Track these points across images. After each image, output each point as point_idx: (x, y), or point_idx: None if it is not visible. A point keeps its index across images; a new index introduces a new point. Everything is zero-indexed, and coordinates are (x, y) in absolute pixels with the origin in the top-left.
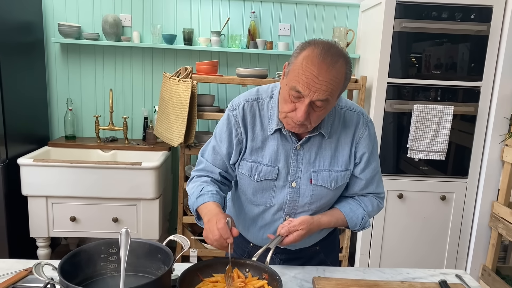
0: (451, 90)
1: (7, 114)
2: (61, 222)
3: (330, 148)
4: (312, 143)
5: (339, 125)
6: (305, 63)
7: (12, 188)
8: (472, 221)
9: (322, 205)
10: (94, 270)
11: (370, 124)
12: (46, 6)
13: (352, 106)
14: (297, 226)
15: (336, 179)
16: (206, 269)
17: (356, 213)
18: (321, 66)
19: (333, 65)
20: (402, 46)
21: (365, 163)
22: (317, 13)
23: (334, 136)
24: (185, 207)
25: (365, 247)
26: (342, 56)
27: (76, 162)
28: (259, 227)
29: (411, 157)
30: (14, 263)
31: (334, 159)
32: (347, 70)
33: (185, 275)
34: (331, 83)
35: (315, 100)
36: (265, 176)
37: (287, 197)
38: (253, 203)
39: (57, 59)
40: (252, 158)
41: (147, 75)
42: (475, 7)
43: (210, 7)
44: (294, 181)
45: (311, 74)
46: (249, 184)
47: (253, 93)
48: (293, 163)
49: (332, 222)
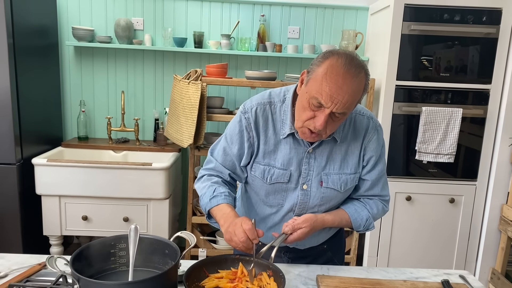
0: (460, 92)
1: (23, 115)
2: (73, 221)
3: (340, 151)
4: (324, 147)
5: (350, 129)
6: (329, 73)
7: (26, 187)
8: (481, 224)
9: (331, 207)
10: (104, 264)
11: (379, 129)
12: (61, 10)
13: (362, 110)
14: (301, 224)
15: (346, 182)
16: (212, 266)
17: (361, 214)
18: (345, 77)
19: (357, 76)
20: (410, 48)
21: (372, 166)
22: (326, 16)
23: (344, 140)
24: (195, 207)
25: (373, 249)
26: (363, 68)
27: (88, 163)
28: (268, 227)
29: (419, 160)
30: (28, 258)
31: (344, 162)
32: (366, 81)
33: (191, 270)
34: (352, 95)
35: (336, 111)
36: (278, 179)
37: (298, 199)
38: (265, 204)
39: (71, 62)
40: (264, 161)
41: (158, 77)
42: (485, 9)
43: (220, 10)
44: (305, 184)
45: (335, 85)
46: (262, 186)
47: (266, 97)
48: (305, 166)
49: (336, 221)
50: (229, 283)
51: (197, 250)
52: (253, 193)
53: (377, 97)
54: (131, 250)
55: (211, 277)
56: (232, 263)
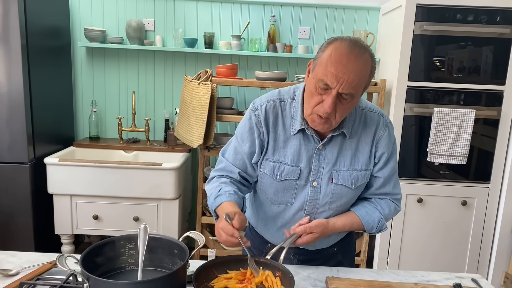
0: (473, 93)
1: (35, 115)
2: (85, 220)
3: (351, 148)
4: (334, 143)
5: (360, 125)
6: (334, 54)
7: (39, 187)
8: (494, 227)
9: (342, 205)
10: (114, 263)
11: (390, 125)
12: (73, 11)
13: (372, 107)
14: (313, 228)
15: (356, 179)
16: (221, 266)
17: (373, 216)
18: (349, 56)
19: (361, 55)
20: (422, 49)
21: (384, 163)
22: (337, 17)
23: (354, 136)
24: (204, 208)
25: (383, 252)
26: (368, 50)
27: (99, 162)
28: (278, 226)
29: (431, 161)
30: (39, 256)
31: (355, 158)
32: (373, 64)
33: (200, 270)
34: (357, 74)
35: (342, 92)
36: (287, 175)
37: (308, 196)
38: (273, 203)
39: (83, 63)
40: (274, 158)
41: (168, 78)
42: (499, 9)
43: (230, 11)
44: (315, 181)
45: (340, 64)
46: (271, 183)
47: (275, 94)
48: (315, 162)
49: (347, 225)
50: (238, 284)
51: (206, 250)
52: (261, 192)
53: (388, 98)
54: (140, 250)
55: (220, 277)
56: (242, 264)
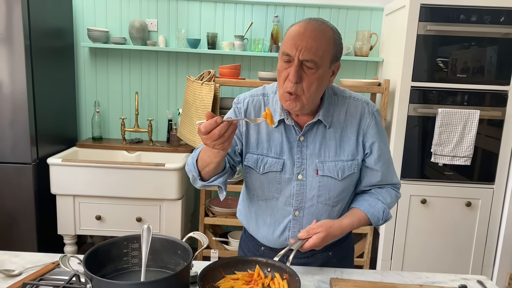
0: (477, 94)
1: (38, 115)
2: (87, 220)
3: (334, 138)
4: (316, 134)
5: (343, 115)
6: (292, 29)
7: (42, 187)
8: (499, 228)
9: (331, 198)
10: (117, 264)
11: (376, 114)
12: (77, 12)
13: (356, 96)
14: (316, 228)
15: (343, 169)
16: (228, 267)
17: (376, 207)
18: (306, 27)
19: (318, 27)
20: (426, 49)
21: (378, 154)
22: (340, 17)
23: (338, 126)
24: (207, 208)
25: (387, 253)
26: (328, 24)
27: (102, 163)
28: (268, 224)
29: (435, 162)
30: (42, 256)
31: (340, 148)
32: (336, 36)
33: (207, 270)
34: (317, 41)
35: (303, 59)
36: (270, 167)
37: (294, 190)
38: (260, 199)
39: (86, 63)
40: (258, 150)
41: (171, 78)
42: (503, 9)
43: (233, 11)
44: (300, 174)
45: (297, 34)
46: (256, 177)
47: (260, 90)
48: (298, 154)
49: (354, 223)
50: (244, 285)
51: (209, 251)
52: (248, 188)
53: (392, 98)
54: (144, 250)
55: (227, 278)
56: (249, 265)
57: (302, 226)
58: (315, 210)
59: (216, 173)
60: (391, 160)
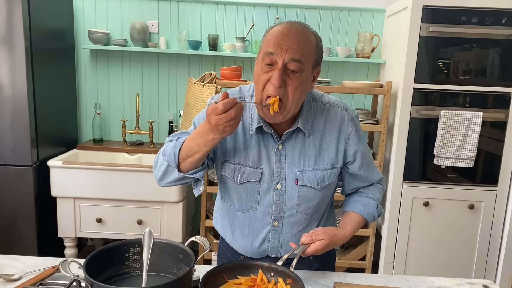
0: (480, 96)
1: (39, 117)
2: (88, 223)
3: (314, 146)
4: (295, 142)
5: (322, 122)
6: (275, 29)
7: (42, 189)
8: (502, 231)
9: (310, 207)
10: (118, 268)
11: (356, 119)
12: (77, 13)
13: (335, 102)
14: (320, 235)
15: (322, 178)
16: (231, 271)
17: (370, 205)
18: (290, 28)
19: (301, 30)
20: (429, 51)
21: (361, 161)
22: (341, 18)
23: (317, 134)
24: (208, 211)
25: (389, 255)
26: (310, 28)
27: (103, 165)
28: (246, 235)
29: (437, 164)
30: (42, 260)
31: (319, 157)
32: (318, 40)
33: (209, 275)
34: (301, 43)
35: (287, 60)
36: (248, 177)
37: (273, 200)
38: (237, 210)
39: (87, 65)
40: (235, 160)
41: (172, 80)
42: (506, 11)
43: (235, 13)
44: (279, 183)
45: (281, 35)
46: (233, 187)
47: (236, 92)
48: (276, 164)
49: (355, 228)
50: None
51: (210, 254)
52: (225, 199)
53: (394, 100)
54: (145, 255)
55: (230, 282)
56: (252, 270)
57: (282, 236)
58: (294, 220)
59: (197, 166)
60: (371, 158)
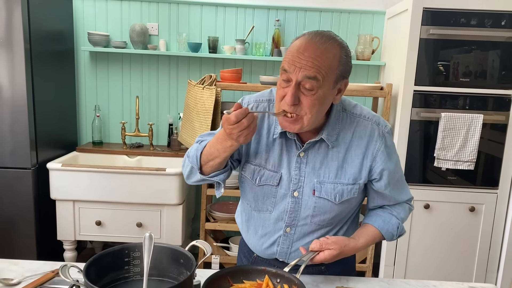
0: (480, 98)
1: (38, 120)
2: (87, 226)
3: (337, 158)
4: (317, 152)
5: (350, 135)
6: (294, 44)
7: (41, 192)
8: (503, 233)
9: (325, 219)
10: (118, 273)
11: (387, 136)
12: (77, 16)
13: (367, 115)
14: (330, 244)
15: (341, 193)
16: (237, 275)
17: (391, 223)
18: (307, 44)
19: (322, 44)
20: (429, 53)
21: (388, 179)
22: (342, 21)
23: (342, 146)
24: (208, 214)
25: (389, 258)
26: (334, 40)
27: (102, 168)
28: (259, 235)
29: (438, 167)
30: (41, 264)
31: (341, 170)
32: (342, 53)
33: (214, 278)
34: (317, 60)
35: (301, 79)
36: (267, 181)
37: (288, 206)
38: (253, 209)
39: (86, 67)
40: (256, 161)
41: (172, 82)
42: (505, 13)
43: (235, 15)
44: (296, 191)
45: (296, 52)
46: (251, 188)
47: (266, 95)
48: (296, 171)
49: (369, 242)
50: None
51: (210, 256)
52: (243, 198)
53: (394, 103)
54: (145, 259)
55: (235, 286)
56: (259, 275)
57: (292, 243)
58: (307, 229)
59: (219, 169)
60: (401, 177)
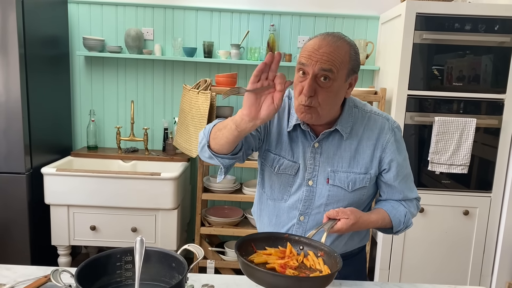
0: (473, 102)
1: (33, 124)
2: (82, 231)
3: (350, 149)
4: (331, 142)
5: (362, 128)
6: (308, 44)
7: (35, 197)
8: (497, 237)
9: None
10: (110, 277)
11: (396, 130)
12: (72, 20)
13: (378, 111)
14: (347, 212)
15: (354, 181)
16: (260, 242)
17: (399, 210)
18: (321, 43)
19: (335, 42)
20: (422, 58)
21: (397, 171)
22: (336, 25)
23: (355, 138)
24: (203, 218)
25: (384, 262)
26: (344, 39)
27: (97, 172)
28: (273, 224)
29: (432, 170)
30: (34, 269)
31: (354, 160)
32: (352, 51)
33: (241, 243)
34: (331, 55)
35: (318, 71)
36: (285, 170)
37: (303, 195)
38: (269, 198)
39: (81, 72)
40: (276, 150)
41: (167, 87)
42: (498, 18)
43: (230, 20)
44: (310, 180)
45: (312, 48)
46: (269, 176)
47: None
48: (310, 160)
49: (379, 220)
50: (279, 260)
51: (205, 261)
52: (260, 185)
53: (388, 107)
54: (137, 263)
55: (259, 253)
56: (280, 242)
57: (306, 231)
58: (321, 218)
59: (228, 150)
60: (409, 174)
